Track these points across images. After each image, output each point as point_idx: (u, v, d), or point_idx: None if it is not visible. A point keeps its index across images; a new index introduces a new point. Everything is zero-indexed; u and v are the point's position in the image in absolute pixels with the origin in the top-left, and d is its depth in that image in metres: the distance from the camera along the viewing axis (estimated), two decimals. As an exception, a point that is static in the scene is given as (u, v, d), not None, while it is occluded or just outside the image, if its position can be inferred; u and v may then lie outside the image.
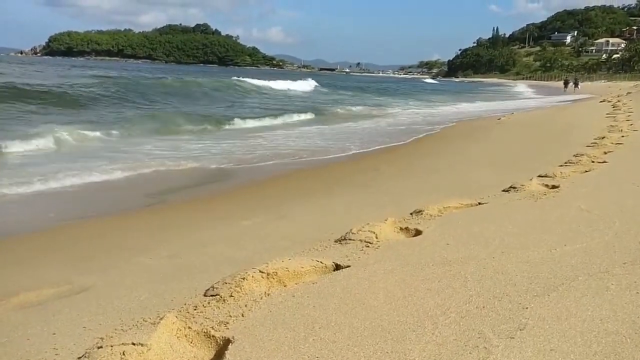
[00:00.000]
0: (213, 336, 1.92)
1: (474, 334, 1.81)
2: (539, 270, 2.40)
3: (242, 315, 2.05)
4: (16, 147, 8.89)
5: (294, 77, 41.99)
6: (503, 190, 4.43)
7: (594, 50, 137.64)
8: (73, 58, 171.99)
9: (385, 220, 3.35)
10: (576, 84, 50.91)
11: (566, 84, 52.77)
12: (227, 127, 14.58)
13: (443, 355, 1.69)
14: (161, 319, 1.98)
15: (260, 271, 2.42)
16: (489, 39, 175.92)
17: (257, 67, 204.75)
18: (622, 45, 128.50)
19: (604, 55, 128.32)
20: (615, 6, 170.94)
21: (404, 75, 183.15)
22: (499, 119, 16.38)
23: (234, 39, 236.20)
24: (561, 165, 5.72)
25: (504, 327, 1.85)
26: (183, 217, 5.20)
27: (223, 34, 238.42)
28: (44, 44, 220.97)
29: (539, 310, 1.98)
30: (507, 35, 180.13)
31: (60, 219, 5.03)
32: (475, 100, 34.00)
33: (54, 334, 2.15)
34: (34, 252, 4.06)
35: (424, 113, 22.19)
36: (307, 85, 37.54)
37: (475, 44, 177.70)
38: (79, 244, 4.28)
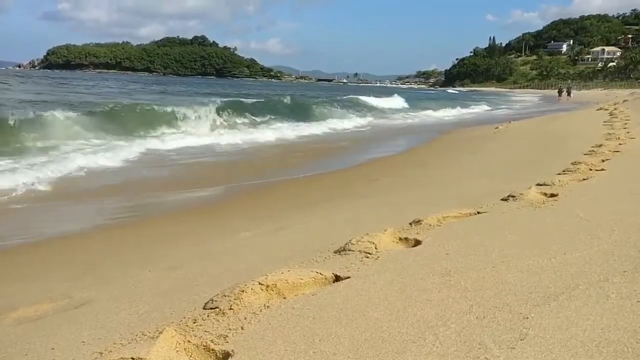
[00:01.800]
0: (212, 350, 1.91)
1: (475, 344, 1.81)
2: (539, 280, 2.39)
3: (242, 328, 2.04)
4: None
5: (378, 93, 44.31)
6: (502, 199, 4.42)
7: (589, 59, 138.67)
8: (71, 71, 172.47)
9: (385, 230, 3.34)
10: (569, 93, 51.26)
11: (560, 92, 53.11)
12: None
13: (444, 367, 1.69)
14: (160, 332, 1.97)
15: (259, 283, 2.41)
16: (486, 48, 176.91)
17: (255, 78, 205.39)
18: (618, 54, 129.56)
19: (599, 64, 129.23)
20: (611, 15, 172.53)
21: (410, 85, 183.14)
22: (496, 128, 16.43)
23: (231, 50, 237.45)
24: (559, 174, 5.72)
25: (504, 337, 1.85)
26: (183, 228, 5.19)
27: (221, 45, 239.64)
28: (42, 57, 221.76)
29: (540, 319, 1.97)
30: (503, 45, 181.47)
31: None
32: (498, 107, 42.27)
33: (53, 348, 2.14)
34: (33, 265, 4.04)
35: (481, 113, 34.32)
36: (398, 101, 38.79)
37: (472, 54, 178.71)
38: (77, 256, 4.27)
